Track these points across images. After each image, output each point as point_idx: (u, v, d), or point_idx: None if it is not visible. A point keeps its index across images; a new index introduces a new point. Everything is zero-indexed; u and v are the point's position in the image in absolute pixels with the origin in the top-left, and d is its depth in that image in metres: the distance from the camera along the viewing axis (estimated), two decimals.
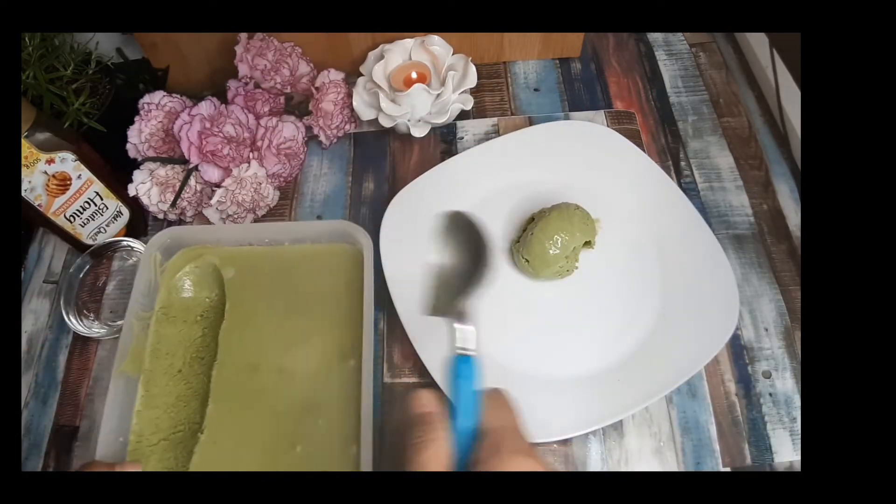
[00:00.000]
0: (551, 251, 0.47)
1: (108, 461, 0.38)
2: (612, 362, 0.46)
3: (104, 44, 0.57)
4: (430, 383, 0.45)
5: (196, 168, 0.51)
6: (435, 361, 0.45)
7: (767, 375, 0.46)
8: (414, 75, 0.58)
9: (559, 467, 0.44)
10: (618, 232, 0.52)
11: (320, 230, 0.49)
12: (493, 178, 0.56)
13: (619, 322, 0.48)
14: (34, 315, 0.53)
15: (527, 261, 0.49)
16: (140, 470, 0.38)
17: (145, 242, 0.49)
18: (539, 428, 0.42)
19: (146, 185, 0.52)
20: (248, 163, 0.52)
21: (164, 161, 0.53)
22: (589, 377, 0.46)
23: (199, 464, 0.40)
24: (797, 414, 0.45)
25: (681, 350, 0.45)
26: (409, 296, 0.48)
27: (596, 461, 0.44)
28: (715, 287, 0.47)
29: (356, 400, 0.40)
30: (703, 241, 0.49)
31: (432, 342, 0.46)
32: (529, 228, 0.49)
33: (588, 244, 0.50)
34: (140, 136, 0.53)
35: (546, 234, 0.47)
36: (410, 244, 0.51)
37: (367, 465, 0.38)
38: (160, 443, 0.42)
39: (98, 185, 0.50)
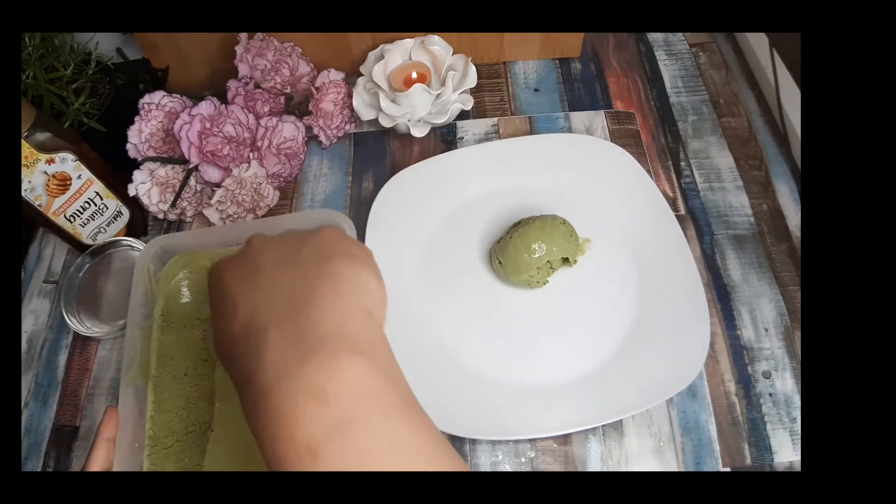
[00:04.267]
0: (525, 257, 0.47)
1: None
2: (564, 380, 0.46)
3: (104, 44, 0.57)
4: None
5: (196, 168, 0.51)
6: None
7: (767, 375, 0.46)
8: (414, 75, 0.58)
9: (558, 467, 0.44)
10: (601, 255, 0.51)
11: (304, 221, 0.49)
12: (489, 179, 0.56)
13: (579, 344, 0.48)
14: (34, 315, 0.53)
15: (500, 263, 0.49)
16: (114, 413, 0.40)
17: (145, 242, 0.49)
18: (478, 425, 0.43)
19: (146, 185, 0.52)
20: (248, 163, 0.52)
21: (164, 161, 0.53)
22: (539, 388, 0.46)
23: (212, 460, 0.41)
24: (797, 414, 0.45)
25: (638, 382, 0.45)
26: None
27: (596, 461, 0.44)
28: (688, 329, 0.46)
29: None
30: (689, 282, 0.48)
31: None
32: (511, 232, 0.49)
33: (567, 261, 0.50)
34: (140, 136, 0.53)
35: (524, 241, 0.47)
36: (395, 236, 0.52)
37: None
38: (175, 444, 0.43)
39: (98, 185, 0.50)
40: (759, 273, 0.51)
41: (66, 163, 0.47)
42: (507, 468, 0.44)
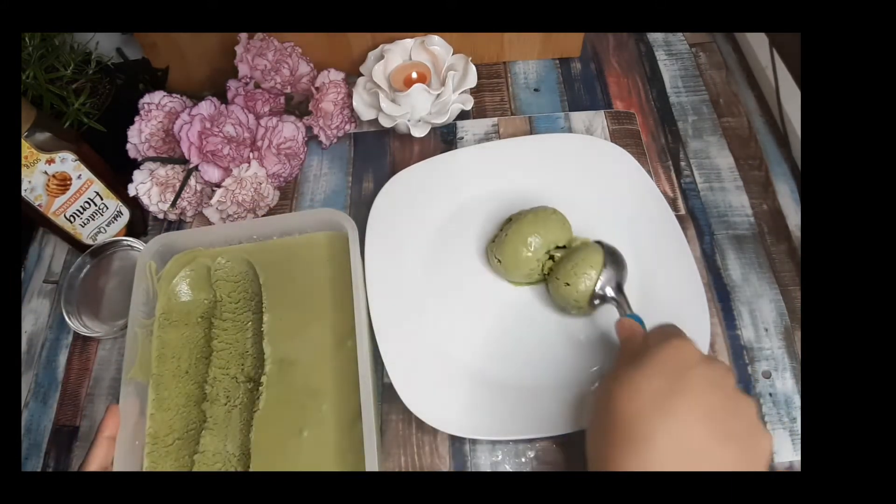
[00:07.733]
0: (523, 252, 0.47)
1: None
2: (565, 380, 0.46)
3: (104, 44, 0.57)
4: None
5: (196, 168, 0.51)
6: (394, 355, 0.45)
7: (767, 375, 0.46)
8: (414, 75, 0.58)
9: (558, 467, 0.44)
10: None
11: (306, 221, 0.50)
12: (489, 179, 0.56)
13: (579, 344, 0.47)
14: (34, 315, 0.53)
15: (499, 261, 0.49)
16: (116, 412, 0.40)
17: (145, 242, 0.49)
18: (478, 425, 0.43)
19: (146, 185, 0.52)
20: (248, 163, 0.52)
21: (164, 161, 0.53)
22: (539, 388, 0.45)
23: (203, 447, 0.42)
24: (797, 414, 0.45)
25: None
26: (384, 287, 0.49)
27: None
28: (688, 329, 0.45)
29: (356, 380, 0.41)
30: (689, 282, 0.48)
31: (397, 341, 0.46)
32: (505, 229, 0.49)
33: (564, 249, 0.49)
34: (140, 136, 0.53)
35: (520, 236, 0.47)
36: (394, 234, 0.52)
37: (371, 442, 0.38)
38: (175, 443, 0.43)
39: (98, 185, 0.50)
40: (759, 273, 0.51)
41: (66, 163, 0.47)
42: (507, 468, 0.44)
